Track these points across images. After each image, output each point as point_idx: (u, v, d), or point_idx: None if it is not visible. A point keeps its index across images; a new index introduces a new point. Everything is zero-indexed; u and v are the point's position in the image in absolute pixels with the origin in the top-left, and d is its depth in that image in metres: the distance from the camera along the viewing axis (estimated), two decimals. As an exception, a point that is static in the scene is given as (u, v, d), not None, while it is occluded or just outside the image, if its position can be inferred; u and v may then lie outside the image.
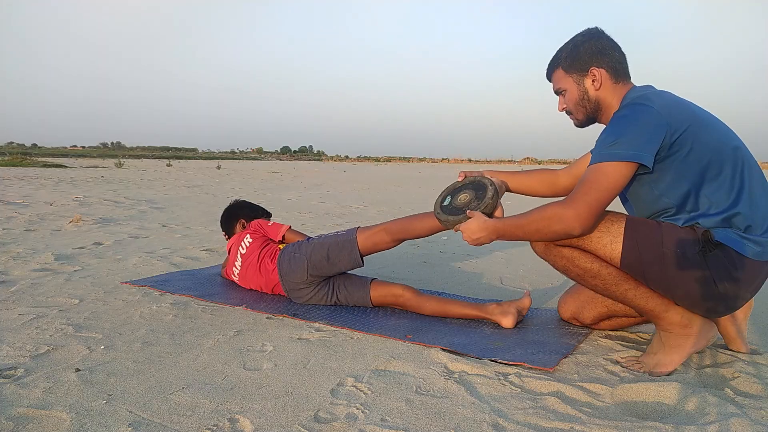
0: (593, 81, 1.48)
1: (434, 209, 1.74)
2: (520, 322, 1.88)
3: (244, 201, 2.59)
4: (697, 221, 1.37)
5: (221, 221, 2.51)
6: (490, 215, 1.60)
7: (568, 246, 1.46)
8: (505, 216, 1.61)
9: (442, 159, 68.20)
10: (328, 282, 2.10)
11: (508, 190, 1.81)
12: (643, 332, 1.84)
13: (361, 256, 2.03)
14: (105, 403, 1.25)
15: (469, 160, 66.39)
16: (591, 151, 1.74)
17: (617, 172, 1.31)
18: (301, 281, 2.07)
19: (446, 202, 1.72)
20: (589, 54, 1.47)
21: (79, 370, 1.43)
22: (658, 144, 1.31)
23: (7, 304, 2.05)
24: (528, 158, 62.97)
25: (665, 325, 1.47)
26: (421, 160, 68.80)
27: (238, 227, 2.45)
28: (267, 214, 2.54)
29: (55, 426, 1.15)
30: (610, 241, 1.41)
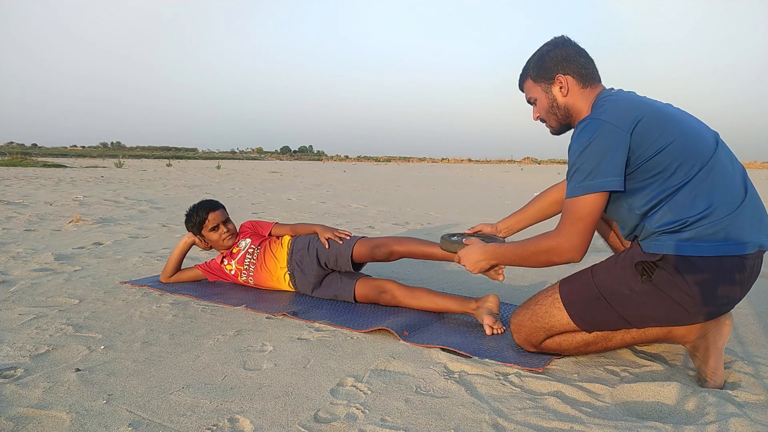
0: (560, 88, 1.49)
1: (441, 237, 1.83)
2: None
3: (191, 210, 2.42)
4: (640, 229, 1.36)
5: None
6: None
7: (544, 338, 1.53)
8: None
9: (442, 159, 68.23)
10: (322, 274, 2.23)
11: (522, 227, 1.86)
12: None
13: (353, 262, 2.14)
14: (105, 403, 1.25)
15: (469, 160, 66.41)
16: None
17: (592, 202, 1.33)
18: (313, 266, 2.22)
19: (454, 238, 1.80)
20: (554, 62, 1.48)
21: (79, 370, 1.43)
22: (624, 160, 1.30)
23: (7, 304, 2.05)
24: (528, 158, 62.97)
25: (680, 341, 1.47)
26: (421, 160, 68.83)
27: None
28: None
29: (55, 426, 1.15)
30: (563, 315, 1.47)
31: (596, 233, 1.75)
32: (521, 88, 1.62)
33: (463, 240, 1.71)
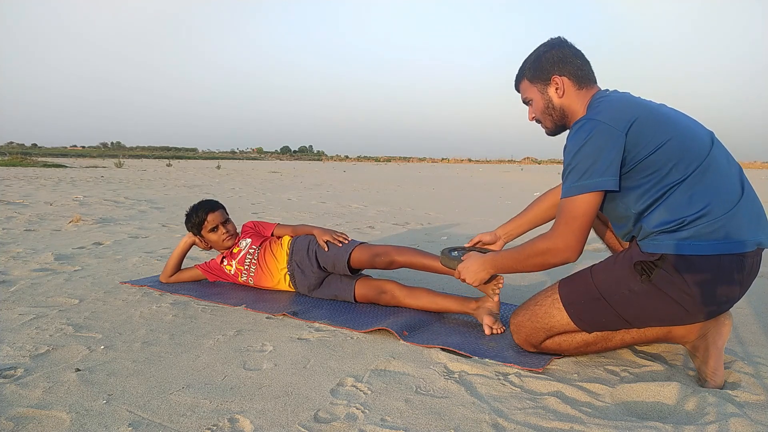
0: (556, 89, 1.50)
1: (441, 252, 1.84)
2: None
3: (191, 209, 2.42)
4: (638, 229, 1.36)
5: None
6: None
7: (544, 339, 1.53)
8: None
9: (442, 159, 68.24)
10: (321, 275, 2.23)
11: (521, 232, 1.85)
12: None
13: (351, 267, 2.15)
14: (105, 403, 1.25)
15: (469, 160, 66.42)
16: None
17: (587, 202, 1.33)
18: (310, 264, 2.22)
19: (454, 253, 1.81)
20: (550, 63, 1.49)
21: (79, 370, 1.43)
22: (619, 160, 1.30)
23: (7, 304, 2.05)
24: (528, 158, 63.00)
25: (680, 341, 1.47)
26: (421, 160, 68.82)
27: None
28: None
29: (55, 426, 1.15)
30: (563, 316, 1.47)
31: (593, 233, 1.76)
32: (517, 88, 1.63)
33: (462, 256, 1.73)
